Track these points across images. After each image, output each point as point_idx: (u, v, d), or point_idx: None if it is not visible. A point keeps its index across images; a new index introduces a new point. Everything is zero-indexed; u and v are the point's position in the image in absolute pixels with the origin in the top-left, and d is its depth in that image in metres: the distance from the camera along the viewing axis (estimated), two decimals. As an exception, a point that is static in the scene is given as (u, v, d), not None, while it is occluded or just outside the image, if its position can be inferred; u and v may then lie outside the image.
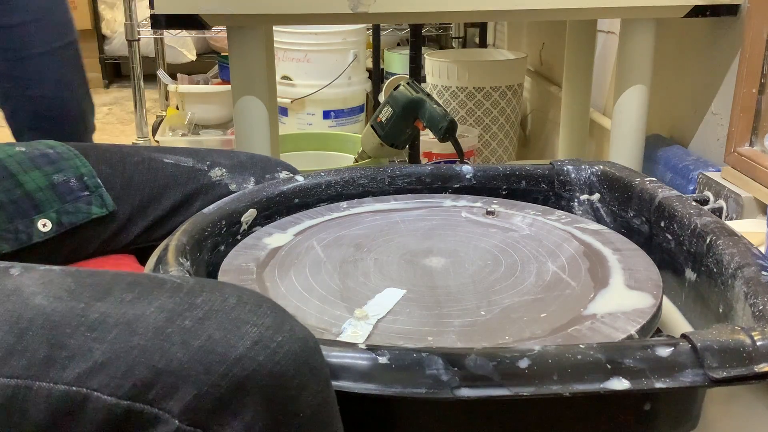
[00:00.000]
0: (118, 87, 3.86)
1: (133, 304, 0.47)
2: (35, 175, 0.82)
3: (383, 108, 1.47)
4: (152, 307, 0.47)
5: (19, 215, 0.80)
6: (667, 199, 0.79)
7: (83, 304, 0.47)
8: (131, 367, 0.44)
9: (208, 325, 0.45)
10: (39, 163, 0.83)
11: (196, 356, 0.44)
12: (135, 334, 0.45)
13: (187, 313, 0.46)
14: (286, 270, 0.73)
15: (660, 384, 0.50)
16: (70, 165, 0.84)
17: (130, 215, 0.87)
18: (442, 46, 3.25)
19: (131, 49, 2.62)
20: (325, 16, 1.16)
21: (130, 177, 0.88)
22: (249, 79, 1.20)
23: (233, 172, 0.92)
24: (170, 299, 0.47)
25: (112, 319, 0.46)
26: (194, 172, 0.91)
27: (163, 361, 0.44)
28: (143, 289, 0.48)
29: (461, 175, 0.92)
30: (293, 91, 2.60)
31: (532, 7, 1.18)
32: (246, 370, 0.44)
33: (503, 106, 2.10)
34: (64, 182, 0.83)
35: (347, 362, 0.51)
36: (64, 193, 0.83)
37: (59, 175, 0.83)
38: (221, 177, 0.91)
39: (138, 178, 0.88)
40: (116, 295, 0.48)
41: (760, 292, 0.59)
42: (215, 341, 0.45)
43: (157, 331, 0.45)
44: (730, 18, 1.23)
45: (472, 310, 0.65)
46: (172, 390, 0.44)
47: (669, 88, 1.49)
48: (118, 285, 0.49)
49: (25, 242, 0.80)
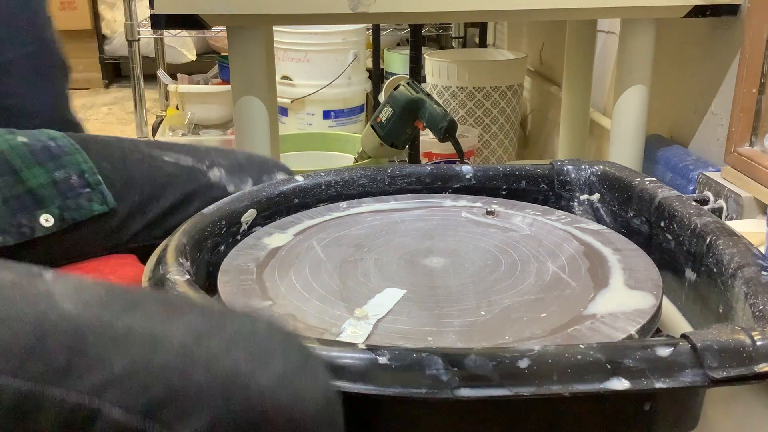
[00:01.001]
0: (118, 87, 3.86)
1: (162, 321, 0.46)
2: (37, 172, 0.82)
3: (383, 108, 1.47)
4: (181, 325, 0.45)
5: (22, 210, 0.80)
6: (667, 199, 0.78)
7: (111, 314, 0.46)
8: (148, 384, 0.43)
9: (235, 352, 0.44)
10: (41, 159, 0.83)
11: (217, 381, 0.43)
12: (159, 351, 0.44)
13: (216, 335, 0.45)
14: (286, 270, 0.73)
15: (660, 384, 0.50)
16: (72, 161, 0.84)
17: (129, 212, 0.87)
18: (442, 46, 3.25)
19: (131, 49, 2.62)
20: (325, 16, 1.16)
21: (131, 175, 0.88)
22: (249, 79, 1.20)
23: (231, 173, 0.92)
24: (200, 319, 0.46)
25: (138, 333, 0.45)
26: (194, 172, 0.91)
27: (182, 381, 0.43)
28: (174, 307, 0.47)
29: (461, 175, 0.92)
30: (293, 91, 2.60)
31: (532, 7, 1.18)
32: (267, 407, 0.43)
33: (503, 106, 2.10)
34: (66, 179, 0.83)
35: (347, 362, 0.51)
36: (66, 189, 0.83)
37: (61, 171, 0.83)
38: (219, 178, 0.91)
39: (138, 176, 0.88)
40: (146, 309, 0.46)
41: (760, 292, 0.59)
42: (239, 369, 0.43)
43: (181, 350, 0.44)
44: (730, 18, 1.23)
45: (472, 310, 0.65)
46: (186, 413, 0.43)
47: (669, 88, 1.48)
48: (150, 300, 0.48)
49: (28, 236, 0.80)
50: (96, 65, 3.81)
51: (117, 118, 3.26)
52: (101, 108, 3.44)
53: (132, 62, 2.63)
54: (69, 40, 3.77)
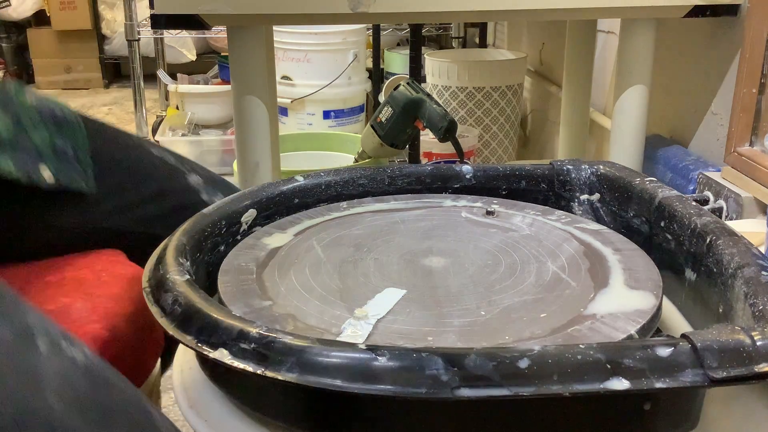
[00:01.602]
0: (118, 87, 3.86)
1: None
2: (42, 133, 0.84)
3: (383, 108, 1.47)
4: None
5: (30, 161, 0.83)
6: (667, 199, 0.78)
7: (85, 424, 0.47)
8: None
9: None
10: (46, 121, 0.85)
11: None
12: None
13: None
14: (286, 270, 0.73)
15: (660, 384, 0.50)
16: (71, 133, 0.86)
17: (108, 190, 0.89)
18: (442, 46, 3.26)
19: (131, 49, 2.62)
20: (325, 16, 1.16)
21: (119, 158, 0.91)
22: (249, 79, 1.20)
23: (207, 183, 0.96)
24: None
25: None
26: (175, 171, 0.94)
27: None
28: None
29: (461, 175, 0.92)
30: (293, 91, 2.60)
31: (532, 7, 1.18)
32: None
33: (503, 106, 2.10)
34: (63, 148, 0.85)
35: (347, 362, 0.51)
36: (62, 156, 0.85)
37: (60, 140, 0.85)
38: (196, 184, 0.94)
39: (126, 161, 0.91)
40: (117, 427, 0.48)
41: (760, 292, 0.59)
42: None
43: None
44: (730, 18, 1.23)
45: (472, 310, 0.65)
46: None
47: (669, 88, 1.49)
48: (124, 417, 0.49)
49: (36, 182, 0.82)
50: (96, 65, 3.82)
51: (117, 118, 3.26)
52: (101, 108, 3.45)
53: (132, 62, 2.63)
54: (69, 40, 3.79)
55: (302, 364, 0.51)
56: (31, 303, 0.74)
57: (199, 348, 0.55)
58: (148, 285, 0.65)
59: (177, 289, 0.61)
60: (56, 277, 0.82)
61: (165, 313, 0.60)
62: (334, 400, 0.54)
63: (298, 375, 0.51)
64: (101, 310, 0.75)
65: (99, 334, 0.72)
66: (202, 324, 0.56)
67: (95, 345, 0.71)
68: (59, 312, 0.75)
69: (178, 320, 0.58)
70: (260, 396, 0.58)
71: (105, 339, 0.72)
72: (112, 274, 0.84)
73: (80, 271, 0.84)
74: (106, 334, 0.72)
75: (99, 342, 0.71)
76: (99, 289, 0.80)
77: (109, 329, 0.73)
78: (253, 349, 0.53)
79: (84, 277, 0.82)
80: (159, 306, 0.61)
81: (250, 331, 0.54)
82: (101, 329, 0.72)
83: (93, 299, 0.77)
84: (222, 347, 0.54)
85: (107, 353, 0.72)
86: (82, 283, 0.81)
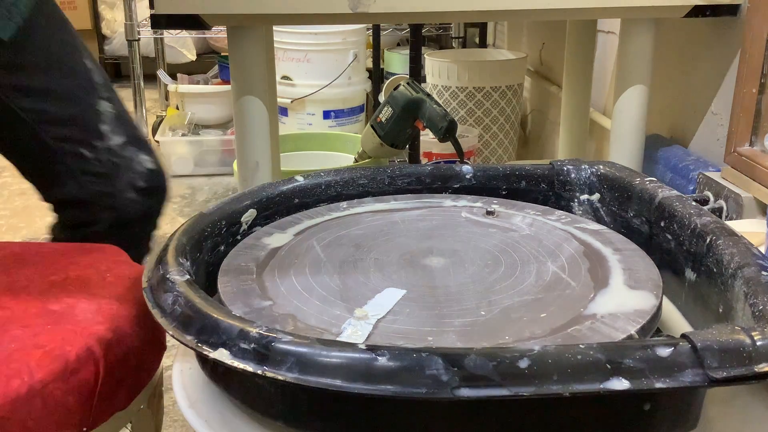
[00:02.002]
0: (118, 87, 3.85)
1: None
2: None
3: (383, 108, 1.47)
4: None
5: None
6: (667, 199, 0.78)
7: None
8: None
9: None
10: None
11: None
12: None
13: None
14: (286, 270, 0.73)
15: (660, 384, 0.50)
16: None
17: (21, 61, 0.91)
18: (442, 46, 3.26)
19: (131, 49, 2.62)
20: (325, 16, 1.16)
21: (50, 42, 0.93)
22: (249, 79, 1.20)
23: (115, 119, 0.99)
24: None
25: None
26: (91, 89, 0.97)
27: None
28: None
29: (461, 175, 0.92)
30: (293, 91, 2.60)
31: (532, 7, 1.18)
32: None
33: (503, 106, 2.10)
34: None
35: (347, 362, 0.51)
36: None
37: None
38: (105, 110, 0.98)
39: (54, 47, 0.94)
40: None
41: (760, 292, 0.59)
42: None
43: None
44: (730, 18, 1.23)
45: (472, 310, 0.65)
46: None
47: (669, 88, 1.49)
48: None
49: None
50: (96, 65, 3.81)
51: (117, 118, 3.25)
52: (101, 108, 3.43)
53: (132, 62, 2.63)
54: (69, 40, 3.78)
55: (302, 364, 0.51)
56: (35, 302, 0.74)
57: (199, 348, 0.55)
58: (148, 285, 0.65)
59: (177, 289, 0.61)
60: (60, 276, 0.82)
61: (165, 313, 0.60)
62: (334, 400, 0.54)
63: (298, 375, 0.51)
64: (106, 311, 0.75)
65: (104, 336, 0.72)
66: (202, 324, 0.56)
67: (100, 346, 0.71)
68: (64, 312, 0.75)
69: (178, 320, 0.58)
70: (260, 396, 0.58)
71: (109, 340, 0.72)
72: (117, 274, 0.84)
73: (85, 271, 0.84)
74: (111, 336, 0.72)
75: (104, 343, 0.71)
76: (104, 289, 0.80)
77: (114, 331, 0.73)
78: (253, 349, 0.53)
79: (89, 277, 0.82)
80: (159, 306, 0.61)
81: (250, 331, 0.54)
82: (106, 331, 0.72)
83: (98, 300, 0.77)
84: (222, 347, 0.54)
85: (112, 355, 0.72)
86: (87, 284, 0.81)
